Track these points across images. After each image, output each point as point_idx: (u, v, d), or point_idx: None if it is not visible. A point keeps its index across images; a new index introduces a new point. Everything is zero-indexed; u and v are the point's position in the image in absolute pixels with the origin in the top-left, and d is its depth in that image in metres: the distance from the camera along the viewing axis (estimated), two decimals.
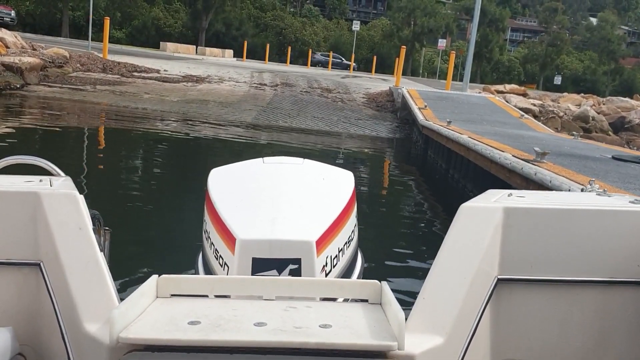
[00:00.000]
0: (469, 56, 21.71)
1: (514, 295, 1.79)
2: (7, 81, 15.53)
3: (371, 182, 9.62)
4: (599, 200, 2.00)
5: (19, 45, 18.93)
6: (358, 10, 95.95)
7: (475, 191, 7.79)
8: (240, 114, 15.74)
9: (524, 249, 1.79)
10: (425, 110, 13.51)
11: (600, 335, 1.82)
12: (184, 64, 24.84)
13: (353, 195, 2.75)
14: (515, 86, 23.36)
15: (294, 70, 30.13)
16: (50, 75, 17.65)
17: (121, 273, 3.99)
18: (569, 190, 3.92)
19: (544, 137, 10.17)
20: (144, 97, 16.61)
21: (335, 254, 2.40)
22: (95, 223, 1.85)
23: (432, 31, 62.79)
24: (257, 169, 2.91)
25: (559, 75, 63.08)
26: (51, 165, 2.18)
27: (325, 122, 16.03)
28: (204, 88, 19.42)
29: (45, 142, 9.81)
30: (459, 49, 49.65)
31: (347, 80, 26.34)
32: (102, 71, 20.05)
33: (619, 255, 1.81)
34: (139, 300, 1.55)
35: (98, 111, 14.57)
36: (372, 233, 5.87)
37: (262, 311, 1.57)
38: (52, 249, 1.73)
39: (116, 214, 5.54)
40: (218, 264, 2.33)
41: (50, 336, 1.70)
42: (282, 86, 21.49)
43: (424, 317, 1.64)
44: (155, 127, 13.38)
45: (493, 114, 14.65)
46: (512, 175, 5.74)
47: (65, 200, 1.80)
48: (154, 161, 9.50)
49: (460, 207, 1.81)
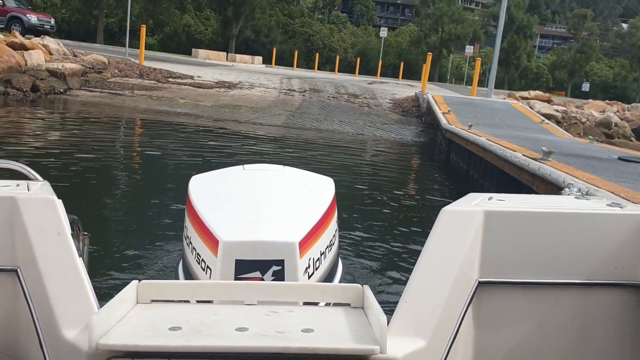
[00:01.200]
0: (494, 63, 22.07)
1: (494, 297, 1.81)
2: (52, 86, 16.40)
3: (390, 183, 9.99)
4: (578, 203, 2.03)
5: (61, 52, 19.85)
6: (386, 16, 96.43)
7: (492, 188, 8.35)
8: (270, 118, 16.41)
9: (504, 252, 1.81)
10: (449, 115, 14.00)
11: (579, 336, 1.85)
12: (216, 71, 25.59)
13: (334, 200, 2.80)
14: (539, 93, 23.61)
15: (322, 76, 30.71)
16: (90, 81, 18.49)
17: (100, 279, 3.95)
18: (564, 182, 4.45)
19: (560, 141, 10.62)
20: (180, 102, 17.38)
21: (318, 256, 2.39)
22: (74, 228, 1.82)
23: (459, 38, 62.94)
24: (238, 175, 2.95)
25: (586, 82, 62.66)
26: (29, 169, 2.11)
27: (351, 126, 16.61)
28: (236, 94, 20.12)
29: (23, 146, 9.17)
30: (486, 56, 49.83)
31: (374, 86, 26.78)
32: (139, 77, 20.81)
33: (597, 258, 1.83)
34: (118, 306, 1.54)
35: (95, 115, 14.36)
36: (375, 233, 5.96)
37: (243, 316, 1.56)
38: (30, 255, 1.69)
39: (95, 219, 5.42)
40: (200, 268, 2.30)
41: (28, 343, 1.66)
42: (310, 92, 22.07)
43: (406, 321, 1.64)
44: (141, 131, 13.43)
45: (515, 119, 15.06)
46: (522, 172, 6.27)
47: (43, 205, 1.76)
48: (135, 166, 9.14)
49: (441, 211, 1.84)
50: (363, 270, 4.71)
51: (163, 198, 6.59)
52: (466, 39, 61.62)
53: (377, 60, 46.66)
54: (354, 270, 4.57)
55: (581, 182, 4.42)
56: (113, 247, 4.83)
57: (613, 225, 1.84)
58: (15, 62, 16.27)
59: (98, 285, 2.84)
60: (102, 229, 5.19)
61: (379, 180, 10.30)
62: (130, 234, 5.27)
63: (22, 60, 16.61)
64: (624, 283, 1.84)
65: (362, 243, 5.48)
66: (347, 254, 4.88)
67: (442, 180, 11.15)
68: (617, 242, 1.83)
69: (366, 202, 7.92)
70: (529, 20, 67.59)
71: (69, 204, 1.88)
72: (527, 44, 69.12)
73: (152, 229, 5.41)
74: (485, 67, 50.10)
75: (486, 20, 71.95)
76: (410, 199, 8.74)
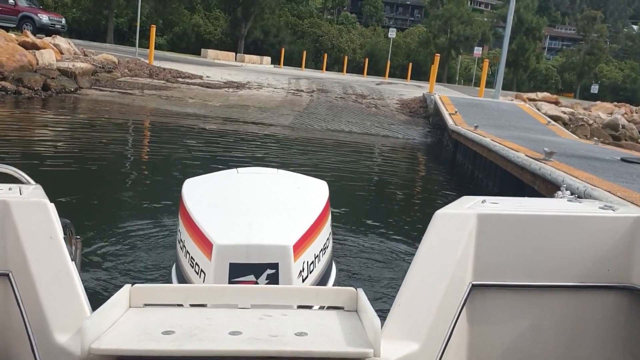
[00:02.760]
0: (501, 64, 22.10)
1: (487, 300, 1.82)
2: (63, 85, 16.60)
3: (393, 185, 10.06)
4: (570, 206, 2.04)
5: (71, 52, 20.07)
6: (395, 17, 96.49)
7: (495, 188, 8.44)
8: (278, 118, 16.53)
9: (497, 255, 1.82)
10: (455, 116, 14.09)
11: (571, 338, 1.86)
12: (225, 71, 25.76)
13: (327, 204, 2.76)
14: (547, 94, 23.61)
15: (330, 77, 30.83)
16: (100, 80, 18.67)
17: (93, 283, 3.92)
18: (563, 181, 4.55)
19: (564, 142, 10.69)
20: (189, 101, 17.53)
21: (312, 259, 2.37)
22: (66, 232, 1.81)
23: (468, 39, 62.88)
24: (231, 178, 2.90)
25: (595, 84, 62.43)
26: (21, 173, 2.10)
27: (358, 127, 16.71)
28: (245, 94, 20.26)
29: (18, 149, 9.07)
30: (495, 57, 49.74)
31: (382, 86, 26.86)
32: (149, 76, 20.97)
33: (589, 260, 1.84)
34: (111, 310, 1.52)
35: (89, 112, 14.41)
36: (370, 235, 5.95)
37: (237, 320, 1.55)
38: (22, 259, 1.68)
39: (88, 222, 5.41)
40: (194, 272, 2.28)
41: (19, 348, 1.65)
42: (318, 92, 22.18)
43: (399, 324, 1.65)
44: (145, 132, 13.44)
45: (521, 121, 15.13)
46: (524, 172, 6.37)
47: (36, 208, 1.75)
48: (130, 169, 9.04)
49: (434, 214, 1.84)
50: (357, 274, 4.71)
51: (157, 201, 6.58)
52: (475, 40, 61.54)
53: (386, 61, 46.68)
54: (347, 273, 4.59)
55: (579, 182, 4.51)
56: (106, 251, 4.81)
57: (605, 227, 1.85)
58: (27, 61, 16.50)
59: (90, 289, 2.94)
60: (95, 233, 5.17)
61: (382, 181, 10.38)
62: (123, 238, 5.22)
63: (34, 59, 16.84)
64: (617, 285, 1.85)
65: (356, 246, 5.48)
66: (341, 257, 4.89)
67: (447, 181, 11.25)
68: (610, 245, 1.84)
69: (364, 204, 7.92)
70: (538, 21, 67.38)
71: (62, 207, 1.86)
72: (536, 46, 68.90)
73: (146, 233, 5.38)
74: (494, 68, 49.96)
75: (495, 21, 71.79)
76: (410, 200, 8.79)
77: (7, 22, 23.82)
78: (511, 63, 58.81)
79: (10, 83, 15.44)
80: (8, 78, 15.54)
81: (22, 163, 7.09)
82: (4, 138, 9.89)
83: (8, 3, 24.72)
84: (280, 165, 7.02)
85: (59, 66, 17.54)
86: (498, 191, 8.09)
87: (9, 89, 15.21)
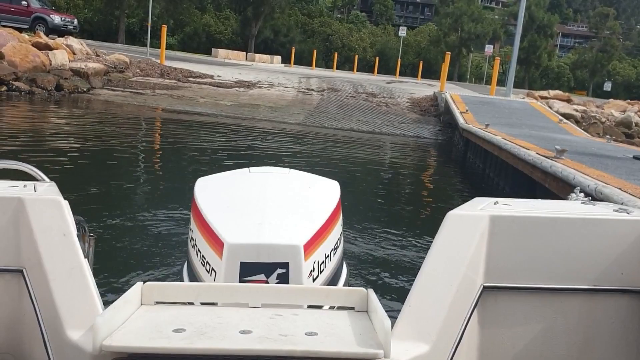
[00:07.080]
0: (513, 62, 22.03)
1: (499, 302, 1.80)
2: (76, 85, 16.74)
3: (403, 184, 10.09)
4: (584, 208, 2.00)
5: (84, 52, 20.22)
6: (405, 15, 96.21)
7: (507, 186, 8.43)
8: (289, 117, 16.56)
9: (509, 257, 1.80)
10: (467, 114, 14.06)
11: (584, 342, 1.83)
12: (236, 70, 25.86)
13: (339, 204, 2.76)
14: (559, 92, 23.48)
15: (340, 76, 30.84)
16: (112, 80, 18.80)
17: (105, 280, 3.96)
18: (574, 179, 4.55)
19: (576, 140, 10.65)
20: (200, 101, 17.62)
21: (322, 259, 2.37)
22: (79, 229, 1.82)
23: (479, 37, 62.66)
24: (243, 178, 2.92)
25: (608, 82, 61.98)
26: (36, 170, 2.11)
27: (369, 125, 16.72)
28: (255, 93, 20.31)
29: (29, 146, 9.18)
30: (506, 55, 49.53)
31: (393, 85, 26.84)
32: (160, 76, 21.08)
33: (603, 264, 1.81)
34: (123, 307, 1.53)
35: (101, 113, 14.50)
36: (381, 235, 5.96)
37: (248, 319, 1.55)
38: (35, 255, 1.69)
39: (101, 220, 5.46)
40: (205, 270, 2.29)
41: (32, 344, 1.66)
42: (329, 91, 22.21)
43: (410, 325, 1.63)
44: (156, 131, 13.49)
45: (532, 119, 15.08)
46: (535, 170, 6.36)
47: (50, 206, 1.76)
48: (144, 167, 9.10)
49: (446, 215, 1.83)
50: (367, 274, 4.72)
51: (169, 200, 6.63)
52: (486, 38, 61.31)
53: (396, 59, 46.64)
54: (358, 273, 4.60)
55: (590, 179, 4.50)
56: (118, 249, 4.84)
57: (620, 231, 1.82)
58: (40, 62, 16.65)
59: (103, 286, 2.91)
60: (108, 230, 5.22)
61: (393, 180, 10.40)
62: (135, 236, 5.26)
63: (47, 60, 16.99)
64: (630, 289, 1.83)
65: (367, 246, 5.50)
66: (352, 257, 4.91)
67: (457, 180, 11.25)
68: (624, 248, 1.82)
69: (375, 204, 7.94)
70: (549, 19, 67.00)
71: (76, 204, 1.88)
72: (547, 43, 68.53)
73: (158, 231, 5.43)
74: (505, 66, 49.77)
75: (506, 19, 71.43)
76: (421, 200, 8.79)
77: (20, 23, 24.02)
78: (523, 61, 58.52)
79: (24, 83, 15.61)
80: (22, 78, 15.71)
81: (37, 160, 7.27)
82: (20, 136, 10.03)
83: (21, 4, 24.94)
84: (291, 164, 7.09)
85: (71, 66, 17.69)
86: (509, 189, 8.08)
87: (22, 89, 15.38)
